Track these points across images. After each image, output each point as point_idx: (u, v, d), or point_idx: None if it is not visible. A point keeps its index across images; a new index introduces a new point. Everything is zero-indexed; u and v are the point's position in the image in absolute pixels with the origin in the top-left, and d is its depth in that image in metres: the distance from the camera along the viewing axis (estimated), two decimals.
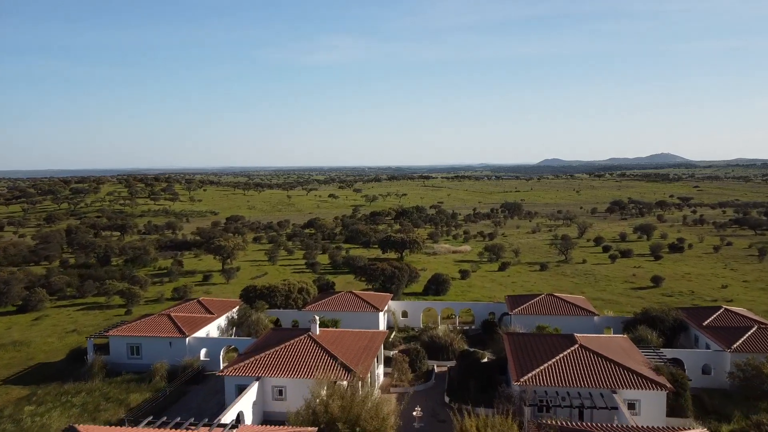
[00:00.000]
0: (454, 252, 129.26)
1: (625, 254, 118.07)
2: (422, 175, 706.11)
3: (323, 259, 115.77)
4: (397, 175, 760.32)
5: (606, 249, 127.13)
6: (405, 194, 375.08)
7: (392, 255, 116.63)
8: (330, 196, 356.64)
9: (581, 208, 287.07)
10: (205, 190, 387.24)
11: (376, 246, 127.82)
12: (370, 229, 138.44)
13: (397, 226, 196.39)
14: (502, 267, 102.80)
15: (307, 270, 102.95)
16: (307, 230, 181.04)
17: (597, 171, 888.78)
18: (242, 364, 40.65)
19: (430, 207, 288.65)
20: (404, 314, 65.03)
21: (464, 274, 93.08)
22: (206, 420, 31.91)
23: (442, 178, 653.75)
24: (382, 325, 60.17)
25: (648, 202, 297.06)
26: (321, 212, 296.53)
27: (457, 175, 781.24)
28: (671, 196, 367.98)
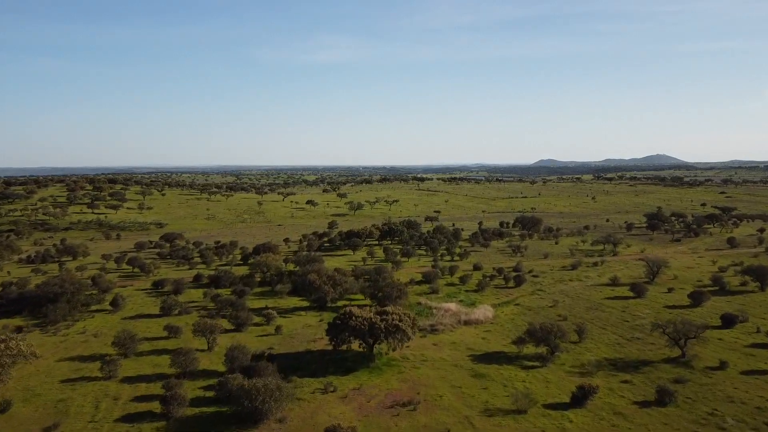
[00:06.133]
0: (467, 323, 75.65)
1: None
2: (416, 177, 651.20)
3: (218, 355, 61.16)
4: (389, 176, 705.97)
5: (729, 321, 73.39)
6: (396, 200, 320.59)
7: (355, 346, 62.62)
8: (308, 202, 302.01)
9: (607, 221, 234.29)
10: (164, 194, 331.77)
11: (339, 304, 74.83)
12: (328, 280, 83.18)
13: (380, 253, 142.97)
14: (577, 399, 48.64)
15: (159, 412, 48.35)
16: (250, 261, 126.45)
17: (593, 171, 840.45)
18: None
19: (426, 219, 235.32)
20: None
21: None
22: None
23: (437, 179, 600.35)
24: None
25: (693, 214, 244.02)
26: (294, 223, 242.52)
27: (454, 176, 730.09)
28: (703, 204, 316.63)
